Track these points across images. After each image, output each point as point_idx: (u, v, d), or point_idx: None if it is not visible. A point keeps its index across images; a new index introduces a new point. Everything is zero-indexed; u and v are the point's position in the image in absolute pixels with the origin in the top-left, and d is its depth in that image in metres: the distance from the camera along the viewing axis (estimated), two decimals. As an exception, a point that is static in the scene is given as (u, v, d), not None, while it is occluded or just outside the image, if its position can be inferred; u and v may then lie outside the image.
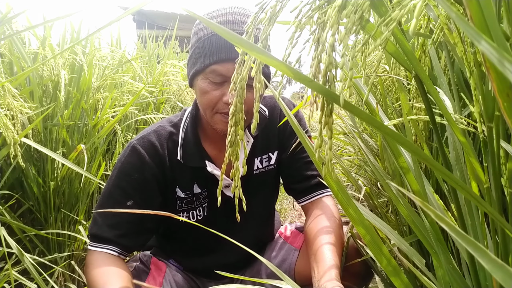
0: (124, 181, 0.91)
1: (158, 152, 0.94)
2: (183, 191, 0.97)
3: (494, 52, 0.20)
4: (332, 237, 0.89)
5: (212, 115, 0.89)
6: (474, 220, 0.49)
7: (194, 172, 0.96)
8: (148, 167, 0.92)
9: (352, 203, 0.45)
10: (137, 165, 0.92)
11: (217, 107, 0.87)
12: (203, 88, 0.87)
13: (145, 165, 0.92)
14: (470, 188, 0.46)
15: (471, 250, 0.21)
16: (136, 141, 0.94)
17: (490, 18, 0.25)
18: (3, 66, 1.22)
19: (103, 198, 0.92)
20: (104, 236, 0.89)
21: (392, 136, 0.32)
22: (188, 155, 0.95)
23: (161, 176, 0.94)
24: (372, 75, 0.43)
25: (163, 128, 0.97)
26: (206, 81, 0.86)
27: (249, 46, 0.29)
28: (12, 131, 1.02)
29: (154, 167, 0.93)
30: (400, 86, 0.60)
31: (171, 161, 0.95)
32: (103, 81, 1.56)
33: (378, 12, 0.37)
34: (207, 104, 0.87)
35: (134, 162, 0.92)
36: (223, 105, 0.86)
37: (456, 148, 0.53)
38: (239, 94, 0.37)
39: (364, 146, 0.77)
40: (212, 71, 0.85)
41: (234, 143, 0.39)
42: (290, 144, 1.03)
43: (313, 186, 1.02)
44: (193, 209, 0.99)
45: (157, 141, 0.94)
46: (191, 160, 0.95)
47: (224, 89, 0.86)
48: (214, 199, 0.98)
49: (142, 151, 0.92)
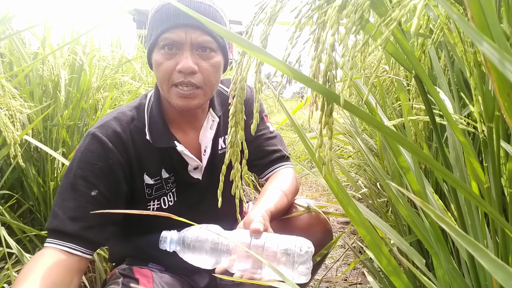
0: (86, 170, 0.83)
1: (122, 139, 0.88)
2: (152, 177, 0.93)
3: (495, 52, 0.20)
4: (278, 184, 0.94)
5: (168, 90, 0.86)
6: (474, 220, 0.49)
7: (161, 155, 0.92)
8: (112, 154, 0.86)
9: (352, 203, 0.45)
10: (100, 153, 0.85)
11: (172, 78, 0.84)
12: (157, 61, 0.85)
13: (108, 152, 0.86)
14: (470, 188, 0.46)
15: (471, 250, 0.21)
16: (96, 129, 0.88)
17: (491, 18, 0.25)
18: (3, 66, 1.22)
19: (63, 190, 0.83)
20: (67, 230, 0.78)
21: (392, 136, 0.32)
22: (156, 135, 0.91)
23: (126, 165, 0.88)
24: (372, 75, 0.43)
25: (124, 113, 0.92)
26: (160, 52, 0.84)
27: (249, 46, 0.29)
28: (12, 131, 1.02)
29: (118, 155, 0.87)
30: (400, 86, 0.60)
31: (136, 147, 0.90)
32: (103, 81, 1.56)
33: (378, 12, 0.37)
34: (162, 77, 0.85)
35: (96, 150, 0.85)
36: (178, 74, 0.83)
37: (456, 148, 0.53)
38: (239, 94, 0.38)
39: (364, 146, 0.77)
40: (163, 40, 0.83)
41: (234, 143, 0.39)
42: (249, 123, 0.99)
43: (274, 160, 1.04)
44: (164, 195, 0.95)
45: (119, 127, 0.89)
46: (160, 141, 0.91)
47: (178, 58, 0.83)
48: (182, 183, 0.96)
49: (104, 138, 0.86)
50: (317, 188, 3.09)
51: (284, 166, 1.05)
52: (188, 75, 0.83)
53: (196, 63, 0.83)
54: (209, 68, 0.85)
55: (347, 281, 1.55)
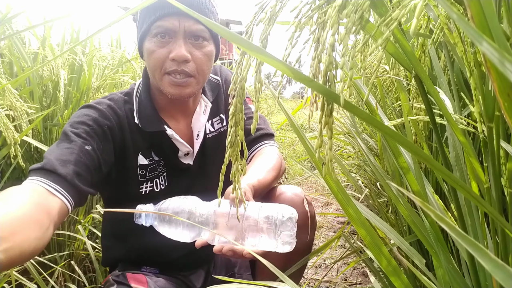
0: (81, 128, 0.80)
1: (117, 113, 0.88)
2: (146, 158, 0.92)
3: (495, 52, 0.20)
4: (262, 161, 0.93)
5: (161, 78, 0.85)
6: (474, 220, 0.49)
7: (151, 139, 0.91)
8: (108, 122, 0.85)
9: (351, 203, 0.45)
10: (96, 117, 0.84)
11: (165, 67, 0.83)
12: (149, 49, 0.84)
13: (104, 119, 0.84)
14: (470, 188, 0.46)
15: (471, 250, 0.21)
16: (93, 102, 0.88)
17: (491, 18, 0.25)
18: (3, 66, 1.22)
19: (56, 143, 0.78)
20: (57, 170, 0.69)
21: (392, 136, 0.32)
22: (145, 120, 0.90)
23: (119, 140, 0.87)
24: (372, 75, 0.43)
25: (116, 95, 0.93)
26: (152, 40, 0.83)
27: (248, 46, 0.29)
28: (12, 131, 1.02)
29: (115, 126, 0.86)
30: (400, 86, 0.60)
31: (130, 125, 0.90)
32: (103, 81, 1.56)
33: (378, 12, 0.37)
34: (154, 65, 0.84)
35: (92, 114, 0.84)
36: (170, 63, 0.82)
37: (456, 148, 0.53)
38: (239, 94, 0.37)
39: (364, 146, 0.77)
40: (156, 28, 0.82)
41: (234, 143, 0.39)
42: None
43: (256, 138, 1.03)
44: (157, 177, 0.94)
45: (115, 104, 0.89)
46: (150, 125, 0.90)
47: (170, 46, 0.82)
48: (172, 169, 0.95)
49: (101, 107, 0.86)
50: (317, 188, 3.10)
51: (268, 144, 1.03)
52: (181, 63, 0.82)
53: (189, 52, 0.83)
54: (202, 57, 0.85)
55: (347, 281, 1.55)
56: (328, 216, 2.37)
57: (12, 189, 0.64)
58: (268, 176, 0.89)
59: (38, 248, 0.59)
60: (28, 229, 0.57)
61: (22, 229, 0.56)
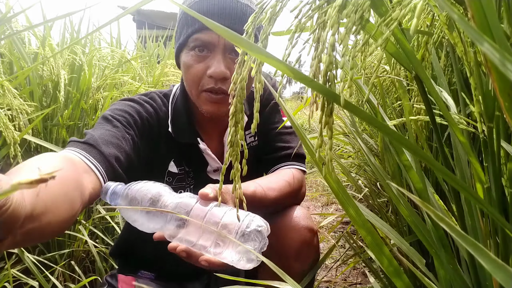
0: (123, 116, 0.78)
1: (158, 115, 0.85)
2: (177, 166, 0.88)
3: (495, 52, 0.20)
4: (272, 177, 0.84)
5: (198, 94, 0.80)
6: (474, 220, 0.49)
7: (182, 151, 0.87)
8: (150, 119, 0.82)
9: (352, 203, 0.45)
10: (139, 111, 0.80)
11: (202, 83, 0.78)
12: (186, 63, 0.79)
13: (145, 113, 0.81)
14: (470, 188, 0.46)
15: (471, 250, 0.21)
16: (136, 97, 0.84)
17: (492, 19, 0.25)
18: (3, 66, 1.22)
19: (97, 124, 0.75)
20: (100, 147, 0.67)
21: (392, 136, 0.32)
22: (179, 129, 0.86)
23: (155, 141, 0.83)
24: (373, 75, 0.43)
25: (157, 95, 0.89)
26: (190, 54, 0.79)
27: (249, 46, 0.29)
28: (12, 130, 1.02)
29: (154, 126, 0.82)
30: (401, 86, 0.60)
31: (166, 130, 0.86)
32: (103, 81, 1.56)
33: (378, 12, 0.37)
34: (191, 80, 0.80)
35: (136, 107, 0.81)
36: (208, 79, 0.77)
37: (457, 148, 0.53)
38: (238, 94, 0.37)
39: (364, 146, 0.77)
40: (194, 41, 0.77)
41: (234, 143, 0.39)
42: (268, 117, 0.95)
43: (281, 157, 0.92)
44: (182, 189, 0.89)
45: (157, 106, 0.86)
46: (183, 135, 0.86)
47: (208, 62, 0.77)
48: (200, 182, 0.86)
49: (144, 103, 0.82)
50: (317, 188, 3.09)
51: (293, 167, 0.91)
52: (219, 81, 0.77)
53: (229, 68, 0.77)
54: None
55: (347, 281, 1.55)
56: (328, 216, 2.37)
57: (49, 157, 0.57)
58: (271, 193, 0.78)
59: (58, 232, 0.52)
60: (59, 209, 0.50)
61: (53, 208, 0.48)
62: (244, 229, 0.58)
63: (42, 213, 0.45)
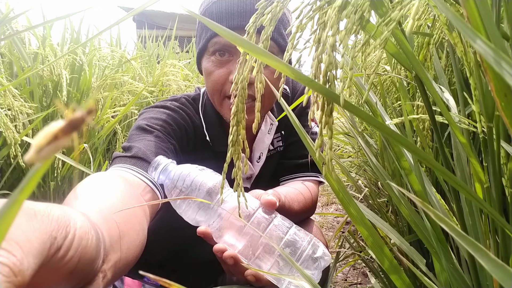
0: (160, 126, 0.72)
1: (193, 121, 0.79)
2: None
3: (491, 52, 0.20)
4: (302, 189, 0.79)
5: (221, 102, 0.76)
6: (474, 220, 0.49)
7: (217, 159, 0.80)
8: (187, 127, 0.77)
9: (353, 202, 0.45)
10: (175, 118, 0.75)
11: (225, 90, 0.74)
12: (207, 69, 0.75)
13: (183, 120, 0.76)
14: (470, 188, 0.46)
15: (472, 250, 0.21)
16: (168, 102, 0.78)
17: (487, 18, 0.25)
18: (3, 66, 1.22)
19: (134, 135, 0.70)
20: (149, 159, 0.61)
21: (392, 136, 0.32)
22: (215, 138, 0.81)
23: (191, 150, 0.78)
24: (372, 75, 0.43)
25: (185, 98, 0.83)
26: (210, 59, 0.74)
27: (249, 46, 0.29)
28: (12, 131, 1.02)
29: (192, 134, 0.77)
30: (401, 86, 0.60)
31: (201, 138, 0.80)
32: (103, 81, 1.56)
33: (378, 13, 0.37)
34: (213, 87, 0.75)
35: (173, 114, 0.75)
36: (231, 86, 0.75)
37: (457, 147, 0.53)
38: (240, 94, 0.38)
39: (365, 145, 0.77)
40: (213, 45, 0.73)
41: (236, 142, 0.39)
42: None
43: (301, 165, 0.88)
44: None
45: (190, 112, 0.80)
46: (219, 144, 0.80)
47: (230, 66, 0.73)
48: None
49: (179, 110, 0.77)
50: (317, 188, 3.09)
51: (309, 178, 0.86)
52: None
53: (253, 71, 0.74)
54: (269, 77, 0.71)
55: (347, 281, 1.55)
56: (328, 216, 2.38)
57: (103, 178, 0.52)
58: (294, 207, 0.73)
59: (138, 257, 0.45)
60: (133, 232, 0.44)
61: (128, 232, 0.43)
62: (310, 254, 0.52)
63: (118, 240, 0.40)
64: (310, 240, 0.54)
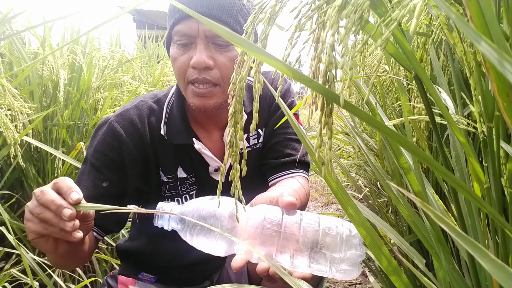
0: (99, 160, 0.81)
1: (138, 130, 0.84)
2: (165, 174, 0.87)
3: (494, 53, 0.20)
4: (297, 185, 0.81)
5: (185, 88, 0.79)
6: (474, 220, 0.49)
7: (179, 153, 0.86)
8: (125, 147, 0.82)
9: (351, 202, 0.45)
10: (113, 145, 0.82)
11: (187, 75, 0.77)
12: (172, 56, 0.78)
13: (122, 145, 0.82)
14: (470, 188, 0.46)
15: (471, 250, 0.21)
16: (114, 117, 0.84)
17: (490, 19, 0.25)
18: (3, 66, 1.22)
19: (80, 175, 0.81)
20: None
21: (392, 136, 0.32)
22: (172, 131, 0.84)
23: (141, 159, 0.84)
24: (372, 75, 0.43)
25: (145, 102, 0.87)
26: (174, 46, 0.78)
27: (248, 46, 0.29)
28: (12, 131, 1.02)
29: (133, 148, 0.82)
30: (400, 87, 0.60)
31: (153, 139, 0.85)
32: (103, 81, 1.56)
33: (378, 13, 0.37)
34: (178, 73, 0.78)
35: (110, 141, 0.82)
36: (192, 71, 0.76)
37: (456, 148, 0.53)
38: (238, 94, 0.37)
39: (364, 145, 0.77)
40: (176, 33, 0.76)
41: (234, 143, 0.39)
42: (276, 118, 0.92)
43: (287, 163, 0.89)
44: (178, 196, 0.88)
45: (137, 117, 0.84)
46: (176, 137, 0.84)
47: (191, 52, 0.75)
48: (203, 186, 0.88)
49: (119, 130, 0.82)
50: (317, 188, 3.09)
51: (298, 174, 0.89)
52: (203, 71, 0.75)
53: (212, 57, 0.75)
54: (227, 63, 0.76)
55: (347, 281, 1.55)
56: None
57: None
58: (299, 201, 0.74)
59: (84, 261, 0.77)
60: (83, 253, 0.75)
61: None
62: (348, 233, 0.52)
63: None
64: (340, 222, 0.54)
